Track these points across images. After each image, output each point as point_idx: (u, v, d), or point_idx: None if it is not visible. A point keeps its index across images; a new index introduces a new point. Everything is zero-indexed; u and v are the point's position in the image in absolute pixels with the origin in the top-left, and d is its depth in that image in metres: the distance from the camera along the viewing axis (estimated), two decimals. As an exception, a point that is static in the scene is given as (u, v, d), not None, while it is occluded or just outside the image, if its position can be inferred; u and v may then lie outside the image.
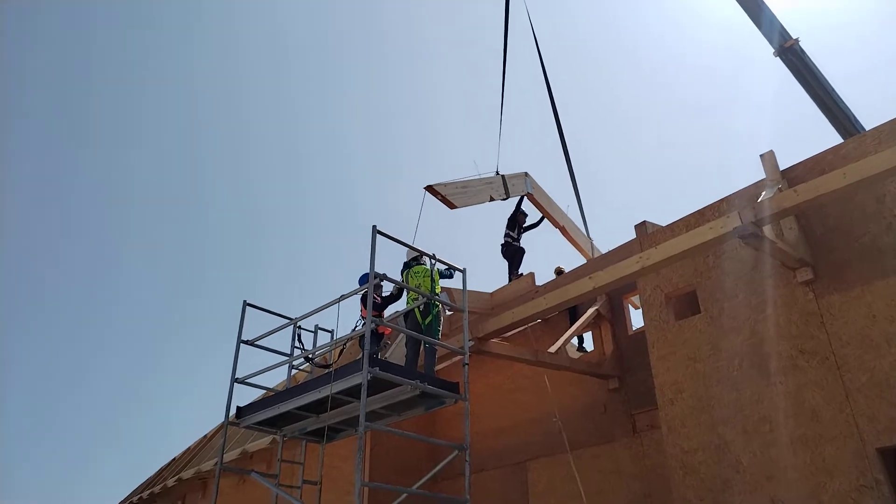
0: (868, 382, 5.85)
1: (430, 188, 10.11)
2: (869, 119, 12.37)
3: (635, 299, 9.92)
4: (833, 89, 12.29)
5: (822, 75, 12.33)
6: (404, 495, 6.67)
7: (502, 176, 11.76)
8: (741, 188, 7.55)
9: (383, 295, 8.32)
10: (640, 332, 9.04)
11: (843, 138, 11.53)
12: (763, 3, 12.52)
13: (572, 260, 13.18)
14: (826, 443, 5.92)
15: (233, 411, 8.25)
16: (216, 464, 8.23)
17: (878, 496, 5.49)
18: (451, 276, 8.08)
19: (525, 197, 12.43)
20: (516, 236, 12.51)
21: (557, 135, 13.67)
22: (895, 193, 6.21)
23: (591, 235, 12.86)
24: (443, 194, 10.20)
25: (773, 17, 12.43)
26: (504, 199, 11.74)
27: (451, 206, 10.39)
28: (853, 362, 6.00)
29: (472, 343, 7.79)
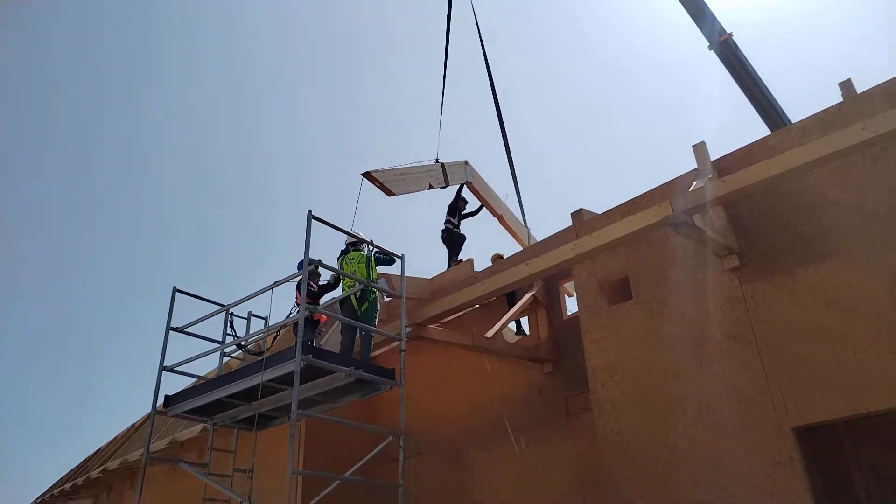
0: (787, 366, 6.10)
1: (367, 174, 9.99)
2: (797, 113, 12.88)
3: (570, 285, 10.08)
4: (763, 83, 12.70)
5: (753, 69, 12.72)
6: (336, 482, 6.59)
7: (442, 164, 11.74)
8: (674, 178, 7.72)
9: (320, 283, 8.18)
10: (575, 318, 9.19)
11: (770, 131, 11.96)
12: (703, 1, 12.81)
13: (513, 247, 13.28)
14: (748, 423, 6.15)
15: (161, 400, 7.98)
16: (143, 454, 7.95)
17: (790, 472, 5.75)
18: (389, 263, 8.00)
19: (465, 185, 12.43)
20: (456, 223, 12.51)
21: (498, 123, 13.71)
22: (818, 185, 6.45)
23: (528, 224, 12.98)
24: (380, 181, 10.10)
25: (710, 13, 12.74)
26: (443, 188, 11.74)
27: (390, 193, 10.30)
28: (774, 346, 6.24)
29: (409, 329, 7.76)
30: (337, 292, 8.24)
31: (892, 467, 6.11)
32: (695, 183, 6.78)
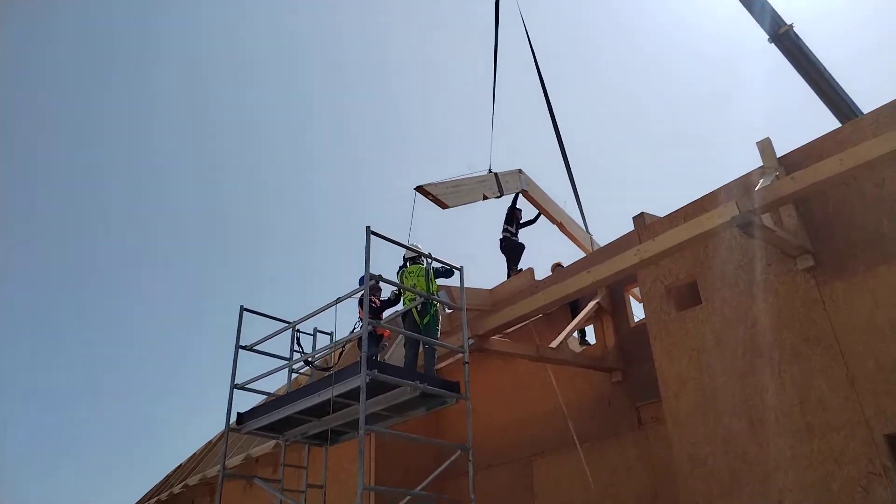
0: (874, 369, 5.77)
1: (420, 188, 9.99)
2: (868, 103, 12.27)
3: (637, 291, 9.85)
4: (829, 74, 12.18)
5: (818, 60, 12.22)
6: (407, 498, 6.61)
7: (495, 174, 11.67)
8: (739, 176, 7.46)
9: (382, 299, 8.26)
10: (642, 324, 8.97)
11: (840, 123, 11.43)
12: None
13: (573, 254, 13.12)
14: (833, 431, 5.85)
15: (234, 417, 8.21)
16: (220, 470, 8.18)
17: (886, 483, 5.42)
18: (448, 275, 8.01)
19: (521, 194, 12.35)
20: (514, 231, 12.45)
21: (553, 130, 13.60)
22: (894, 177, 6.12)
23: (590, 230, 12.79)
24: (434, 194, 10.09)
25: (765, 4, 12.33)
26: (498, 198, 11.65)
27: (443, 205, 10.27)
28: (858, 349, 5.92)
29: (472, 341, 7.73)
30: (399, 306, 8.31)
31: None
32: (761, 181, 6.53)
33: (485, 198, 11.30)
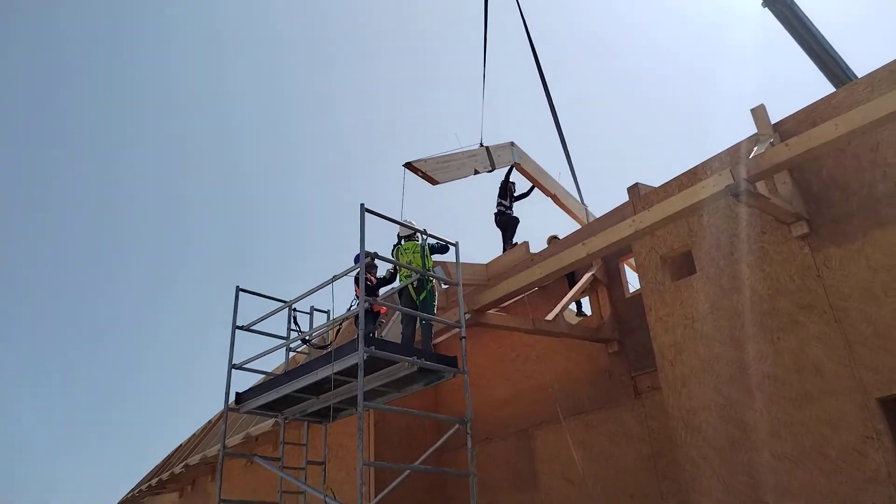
0: (870, 333, 5.80)
1: (409, 165, 9.85)
2: (862, 67, 12.20)
3: (632, 261, 9.86)
4: (823, 37, 12.07)
5: (812, 23, 12.11)
6: (407, 472, 6.66)
7: (486, 147, 11.53)
8: (733, 144, 7.42)
9: (378, 276, 8.24)
10: (638, 295, 8.98)
11: (835, 87, 11.36)
12: None
13: (569, 226, 13.10)
14: (829, 397, 5.89)
15: (233, 397, 8.23)
16: (220, 449, 8.23)
17: (880, 446, 5.48)
18: (444, 251, 7.98)
19: (514, 167, 12.26)
20: (509, 205, 12.39)
21: (546, 102, 13.48)
22: (890, 141, 6.09)
23: (585, 201, 12.74)
24: (423, 170, 9.96)
25: None
26: (490, 172, 11.53)
27: (433, 181, 10.16)
28: (854, 315, 5.94)
29: (468, 316, 7.74)
30: (395, 283, 8.29)
31: None
32: (755, 148, 6.50)
33: (476, 172, 11.17)
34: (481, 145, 11.55)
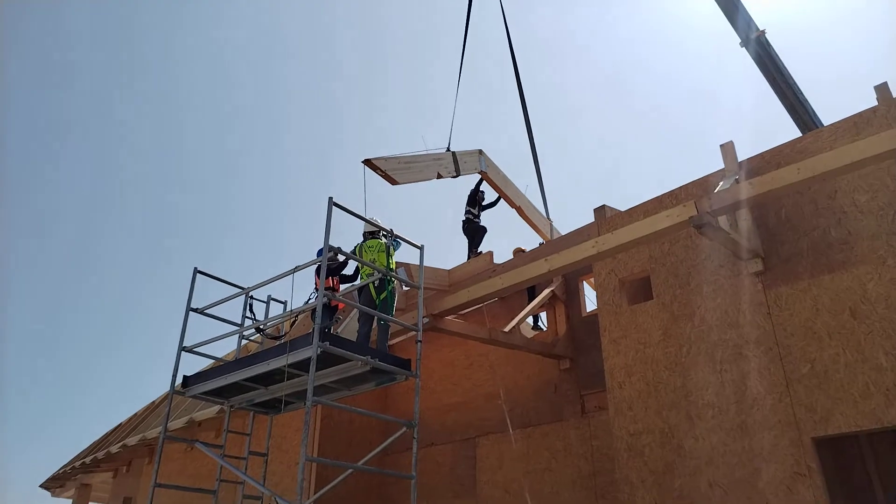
0: (808, 373, 6.00)
1: (368, 162, 9.54)
2: (829, 117, 12.57)
3: (592, 281, 10.01)
4: (795, 83, 12.43)
5: (786, 68, 12.46)
6: (349, 471, 6.64)
7: (453, 153, 11.37)
8: (700, 177, 7.61)
9: (342, 273, 8.20)
10: (594, 315, 9.13)
11: (801, 132, 11.72)
12: None
13: (535, 240, 13.18)
14: (765, 430, 6.07)
15: (180, 380, 8.08)
16: (161, 432, 8.07)
17: (810, 484, 5.66)
18: (396, 247, 7.90)
19: (481, 176, 12.28)
20: (476, 214, 12.47)
21: (522, 112, 13.59)
22: (847, 190, 6.32)
23: (551, 217, 12.87)
24: (383, 169, 9.74)
25: (744, 9, 12.48)
26: (455, 177, 11.33)
27: (393, 181, 9.93)
28: (796, 353, 6.14)
29: (426, 320, 7.75)
30: (357, 281, 8.25)
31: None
32: (721, 183, 6.67)
33: (439, 176, 10.97)
34: (448, 150, 11.41)
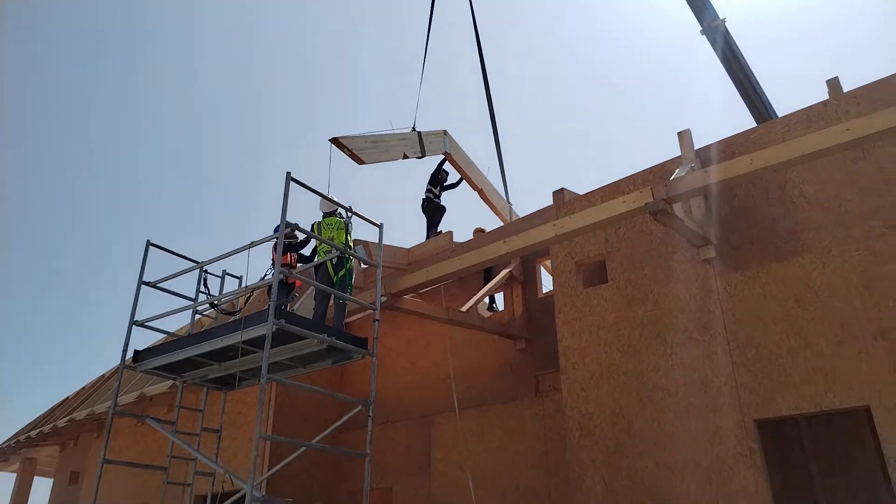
0: (753, 358, 6.21)
1: (335, 140, 9.52)
2: (783, 106, 12.86)
3: (548, 264, 10.13)
4: (752, 73, 12.67)
5: (744, 58, 12.69)
6: (303, 448, 6.63)
7: (419, 133, 11.36)
8: (657, 163, 7.73)
9: (301, 252, 8.11)
10: (550, 296, 9.25)
11: (756, 123, 11.98)
12: None
13: (496, 221, 13.25)
14: (711, 412, 6.28)
15: (131, 354, 7.92)
16: (110, 407, 7.91)
17: (751, 463, 5.89)
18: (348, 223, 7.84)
19: (445, 157, 12.27)
20: (437, 193, 12.44)
21: (484, 91, 13.56)
22: (797, 181, 6.51)
23: (511, 200, 12.93)
24: (350, 148, 9.68)
25: None
26: (420, 158, 11.33)
27: (359, 161, 9.88)
28: (742, 338, 6.34)
29: (384, 299, 7.75)
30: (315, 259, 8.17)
31: (849, 463, 6.30)
32: (677, 171, 6.80)
33: (405, 157, 10.98)
34: (414, 129, 11.39)
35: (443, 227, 12.29)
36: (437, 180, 12.45)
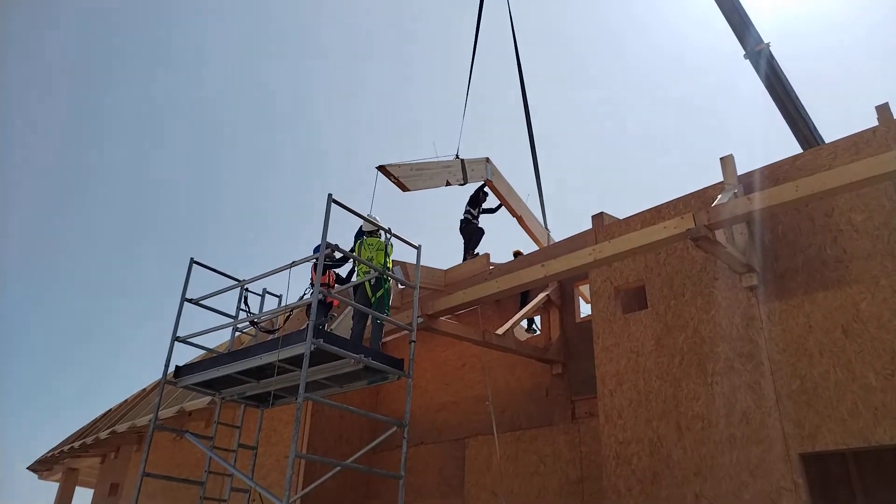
0: (798, 389, 6.04)
1: (382, 168, 9.79)
2: (830, 130, 12.63)
3: (585, 288, 10.04)
4: (797, 98, 12.46)
5: (789, 83, 12.49)
6: (337, 468, 6.65)
7: (462, 160, 11.53)
8: (699, 189, 7.64)
9: (338, 273, 8.22)
10: (587, 321, 9.15)
11: (801, 148, 11.76)
12: (739, 4, 12.56)
13: (532, 248, 13.25)
14: (753, 444, 6.11)
15: (172, 369, 8.08)
16: (151, 420, 8.07)
17: (795, 499, 5.70)
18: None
19: (485, 184, 12.36)
20: (476, 215, 12.49)
21: (525, 122, 13.64)
22: (844, 209, 6.36)
23: (549, 227, 12.91)
24: (396, 175, 9.90)
25: (749, 21, 12.49)
26: (462, 185, 11.52)
27: (404, 188, 10.11)
28: (786, 369, 6.17)
29: (421, 320, 7.77)
30: (353, 279, 8.26)
31: (896, 501, 6.05)
32: (719, 197, 6.70)
33: (448, 184, 11.15)
34: (457, 157, 11.56)
35: (480, 249, 12.32)
36: (477, 202, 12.50)
